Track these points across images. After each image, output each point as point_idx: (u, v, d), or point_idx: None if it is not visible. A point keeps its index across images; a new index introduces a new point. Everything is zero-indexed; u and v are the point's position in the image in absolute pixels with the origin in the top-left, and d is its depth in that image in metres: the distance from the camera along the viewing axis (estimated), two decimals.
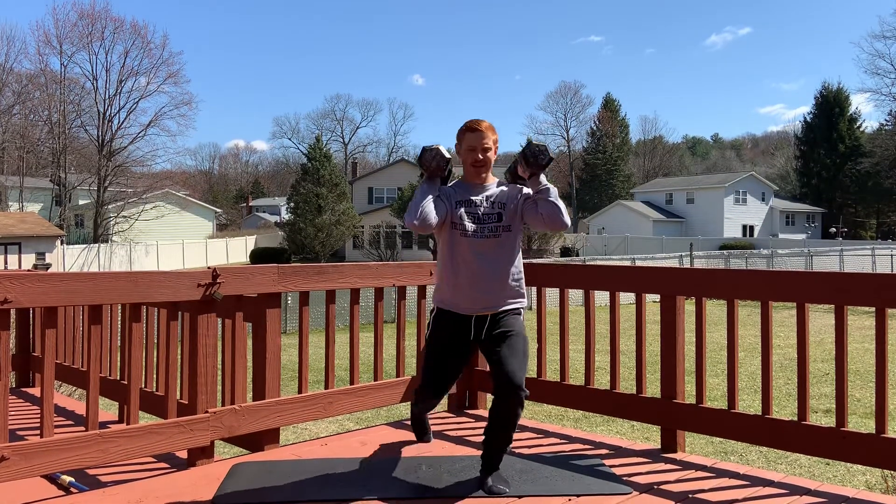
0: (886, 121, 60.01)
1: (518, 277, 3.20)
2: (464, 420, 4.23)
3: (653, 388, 3.78)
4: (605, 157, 75.11)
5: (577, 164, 75.92)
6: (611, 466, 3.38)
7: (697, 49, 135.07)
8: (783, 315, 9.33)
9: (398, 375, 4.34)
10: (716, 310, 7.53)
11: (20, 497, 3.05)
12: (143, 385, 3.87)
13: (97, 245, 44.70)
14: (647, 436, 6.81)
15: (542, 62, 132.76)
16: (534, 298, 4.54)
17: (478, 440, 3.25)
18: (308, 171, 45.52)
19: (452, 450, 3.65)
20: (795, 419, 3.28)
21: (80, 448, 3.02)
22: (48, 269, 29.65)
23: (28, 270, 5.25)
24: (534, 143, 3.19)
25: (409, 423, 4.25)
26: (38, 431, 3.04)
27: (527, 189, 3.21)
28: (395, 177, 49.36)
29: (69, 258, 40.63)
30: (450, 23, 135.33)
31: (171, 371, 3.58)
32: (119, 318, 3.85)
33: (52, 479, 3.25)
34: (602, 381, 4.14)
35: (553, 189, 3.13)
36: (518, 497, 2.99)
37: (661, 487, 3.12)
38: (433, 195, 3.13)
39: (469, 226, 3.14)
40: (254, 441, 3.67)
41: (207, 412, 3.44)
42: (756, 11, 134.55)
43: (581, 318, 4.15)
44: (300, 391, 3.91)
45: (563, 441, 3.85)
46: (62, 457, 2.97)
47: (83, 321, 4.62)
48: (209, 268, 3.47)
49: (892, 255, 29.58)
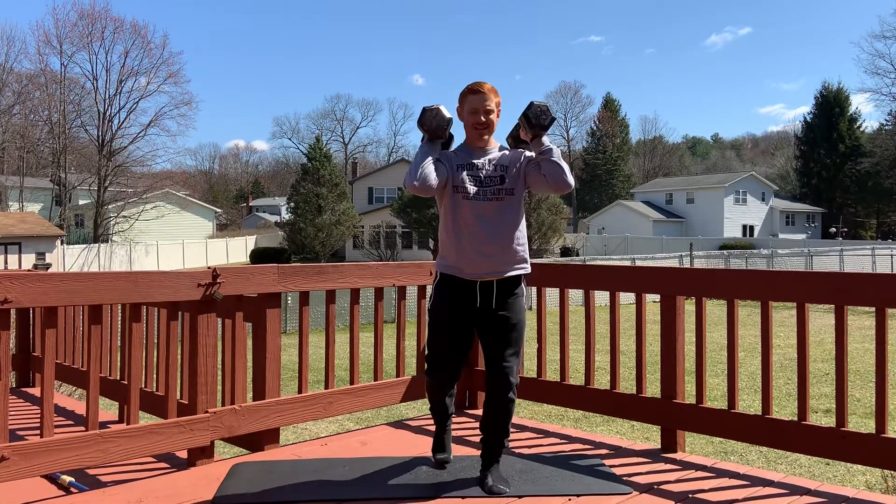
0: (886, 121, 60.05)
1: (522, 243, 3.11)
2: (464, 420, 4.22)
3: (653, 388, 3.78)
4: (605, 157, 75.13)
5: (577, 164, 75.83)
6: (611, 466, 3.38)
7: (697, 49, 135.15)
8: (783, 315, 9.33)
9: (398, 375, 4.34)
10: (716, 310, 7.54)
11: (20, 497, 3.05)
12: (143, 385, 3.87)
13: (97, 245, 44.69)
14: (647, 436, 6.81)
15: (542, 62, 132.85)
16: (534, 298, 4.53)
17: (478, 440, 3.25)
18: (308, 171, 45.51)
19: (452, 450, 3.64)
20: (795, 419, 3.28)
21: (80, 448, 3.02)
22: (48, 269, 29.64)
23: (28, 270, 5.25)
24: (536, 104, 3.10)
25: (409, 423, 4.25)
26: (38, 431, 3.04)
27: (529, 153, 3.14)
28: (395, 177, 49.30)
29: (69, 258, 40.62)
30: (450, 23, 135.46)
31: (171, 371, 3.59)
32: (119, 318, 3.85)
33: (53, 479, 3.25)
34: (602, 381, 4.14)
35: (556, 150, 3.05)
36: (518, 497, 2.99)
37: (661, 487, 3.12)
38: (433, 157, 3.06)
39: (471, 188, 3.05)
40: (254, 441, 3.67)
41: (207, 412, 3.44)
42: (756, 11, 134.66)
43: (581, 318, 4.15)
44: (300, 391, 3.91)
45: (563, 441, 3.85)
46: (62, 457, 2.97)
47: (83, 321, 4.62)
48: (209, 268, 3.47)
49: (892, 255, 29.57)
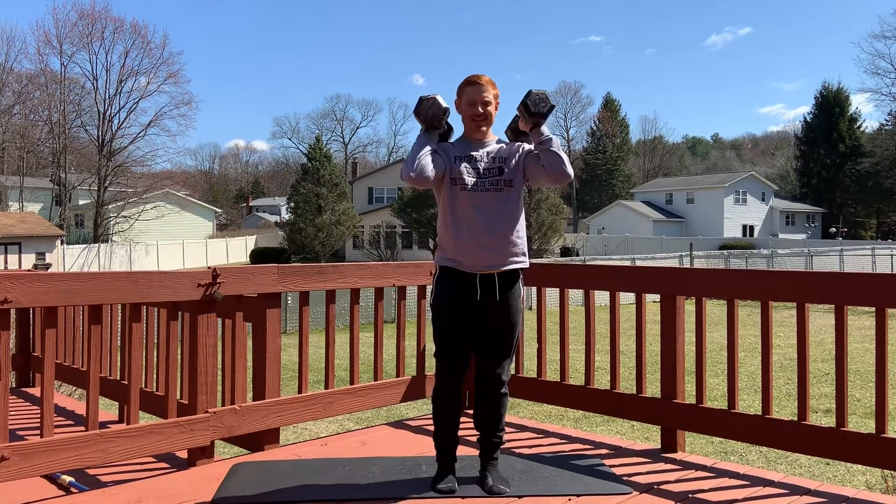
0: (886, 121, 60.05)
1: (521, 236, 3.09)
2: (463, 420, 4.22)
3: (653, 388, 3.78)
4: (605, 157, 75.13)
5: (578, 164, 75.79)
6: (611, 466, 3.38)
7: (697, 49, 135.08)
8: (783, 315, 9.32)
9: (398, 375, 4.34)
10: (716, 310, 7.54)
11: (20, 497, 3.05)
12: (143, 385, 3.87)
13: (97, 245, 44.69)
14: (647, 436, 6.81)
15: (542, 62, 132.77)
16: (534, 298, 4.53)
17: (476, 440, 3.25)
18: (308, 171, 45.52)
19: None
20: (795, 419, 3.28)
21: (80, 448, 3.02)
22: (48, 269, 29.65)
23: (28, 270, 5.25)
24: (534, 92, 3.07)
25: (409, 423, 4.24)
26: (38, 431, 3.04)
27: (528, 146, 3.13)
28: (395, 177, 49.12)
29: (69, 258, 40.62)
30: (450, 23, 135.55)
31: (171, 371, 3.58)
32: (119, 318, 3.85)
33: (53, 479, 3.25)
34: (602, 381, 4.14)
35: (556, 139, 3.03)
36: (518, 497, 2.99)
37: (661, 487, 3.12)
38: (431, 148, 3.03)
39: (469, 180, 3.02)
40: (254, 441, 3.67)
41: (207, 412, 3.44)
42: (756, 11, 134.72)
43: (581, 318, 4.15)
44: (300, 391, 3.91)
45: (563, 441, 3.85)
46: (62, 457, 2.97)
47: (83, 321, 4.62)
48: (209, 268, 3.47)
49: (892, 255, 29.56)
